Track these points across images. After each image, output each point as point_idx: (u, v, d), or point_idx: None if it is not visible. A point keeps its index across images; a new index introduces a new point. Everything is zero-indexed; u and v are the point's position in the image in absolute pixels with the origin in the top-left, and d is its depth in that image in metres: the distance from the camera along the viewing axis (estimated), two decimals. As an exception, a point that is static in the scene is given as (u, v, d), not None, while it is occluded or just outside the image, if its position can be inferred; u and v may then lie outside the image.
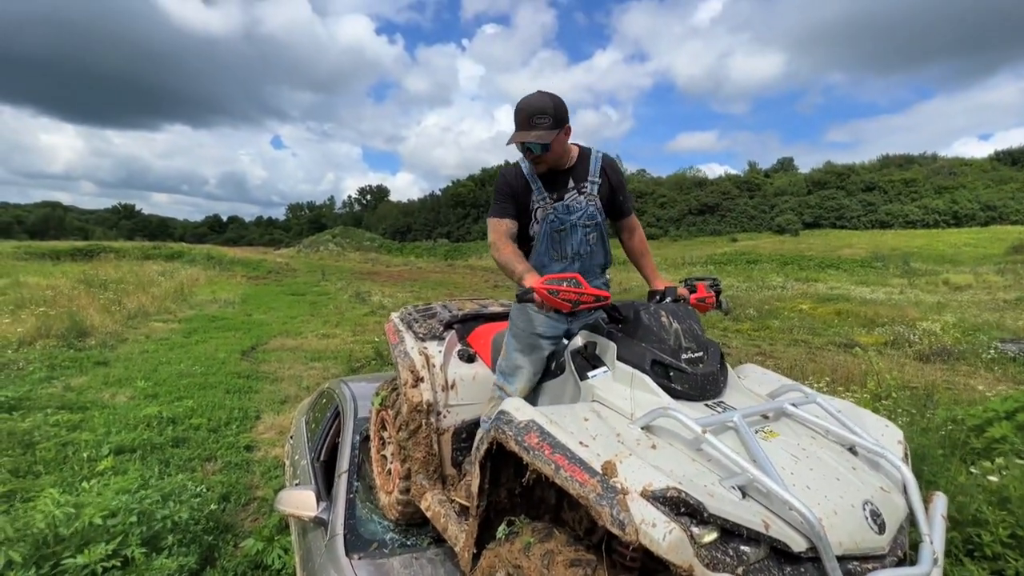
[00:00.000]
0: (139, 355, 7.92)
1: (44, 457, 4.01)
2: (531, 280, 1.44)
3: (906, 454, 1.30)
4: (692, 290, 1.73)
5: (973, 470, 2.55)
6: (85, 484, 3.18)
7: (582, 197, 1.80)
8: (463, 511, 1.64)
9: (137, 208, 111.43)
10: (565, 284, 1.36)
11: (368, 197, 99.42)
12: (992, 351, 8.40)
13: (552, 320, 1.76)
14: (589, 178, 1.82)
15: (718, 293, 1.78)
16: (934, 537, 1.10)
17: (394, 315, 2.37)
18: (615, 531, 0.93)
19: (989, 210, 42.29)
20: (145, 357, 7.78)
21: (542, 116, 1.63)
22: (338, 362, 8.04)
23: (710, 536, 0.93)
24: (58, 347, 7.81)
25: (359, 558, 1.84)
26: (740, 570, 0.92)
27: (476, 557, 1.37)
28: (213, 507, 3.35)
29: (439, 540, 1.95)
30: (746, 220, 51.39)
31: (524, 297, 1.43)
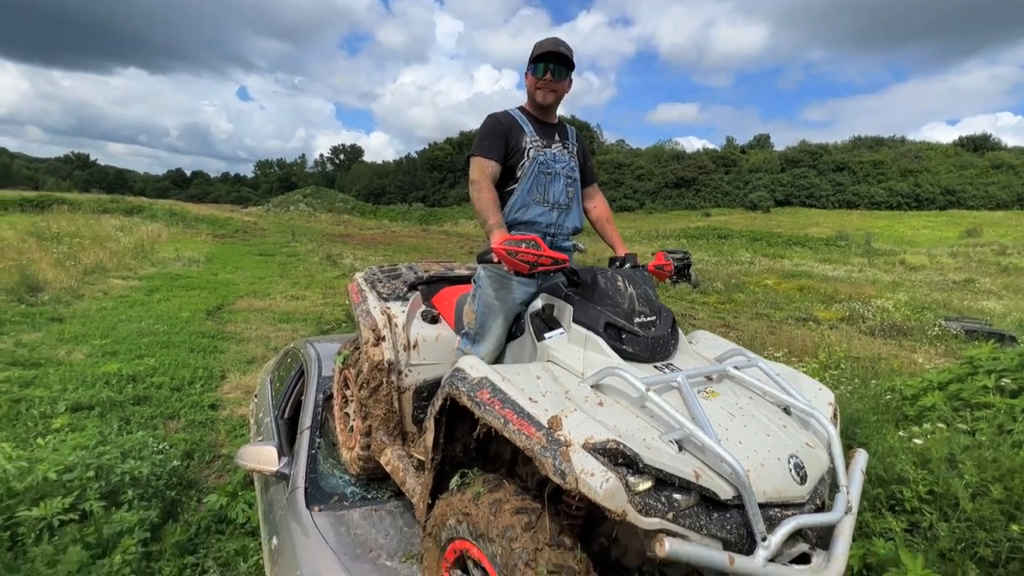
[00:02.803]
0: (97, 312, 7.64)
1: (-5, 413, 3.89)
2: (496, 238, 1.45)
3: (835, 414, 1.39)
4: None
5: (901, 433, 2.74)
6: (40, 440, 3.11)
7: (566, 152, 1.92)
8: (421, 466, 1.69)
9: (92, 158, 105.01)
10: (524, 246, 1.37)
11: (341, 157, 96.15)
12: (937, 328, 8.92)
13: (522, 284, 1.78)
14: (570, 139, 1.97)
15: (688, 267, 1.84)
16: (851, 488, 1.20)
17: (358, 275, 2.36)
18: (557, 480, 0.98)
19: (948, 194, 44.00)
20: (103, 314, 7.52)
21: (566, 49, 1.80)
22: (307, 324, 7.94)
23: (644, 485, 0.99)
24: (7, 301, 7.46)
25: (319, 510, 1.88)
26: (670, 515, 0.98)
27: (431, 508, 1.42)
28: (176, 464, 3.33)
29: (399, 494, 2.01)
30: (720, 196, 52.12)
31: (483, 258, 1.44)
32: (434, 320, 2.07)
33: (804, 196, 48.86)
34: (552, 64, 1.79)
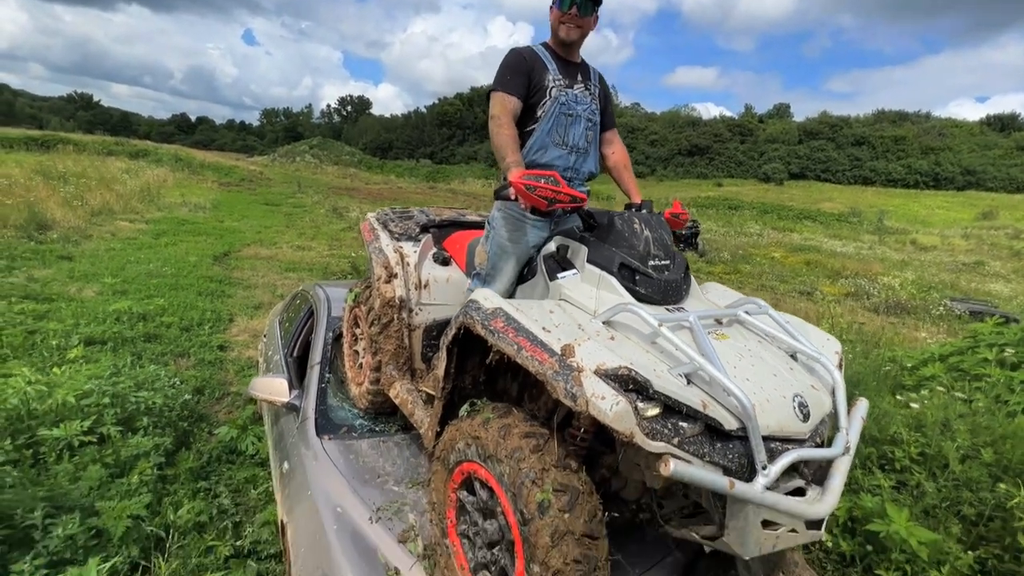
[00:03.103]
0: (105, 252, 7.70)
1: (11, 343, 3.99)
2: (515, 173, 1.43)
3: (840, 363, 1.41)
4: (673, 232, 1.76)
5: (899, 397, 2.79)
6: (56, 369, 3.20)
7: (588, 94, 1.86)
8: (430, 399, 1.74)
9: (96, 99, 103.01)
10: (543, 181, 1.36)
11: (349, 108, 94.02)
12: (942, 308, 8.89)
13: (536, 228, 1.77)
14: (592, 80, 1.90)
15: (695, 236, 1.82)
16: (851, 431, 1.23)
17: (370, 215, 2.35)
18: (568, 403, 1.01)
19: (968, 175, 42.92)
20: (112, 255, 7.57)
21: None
22: (314, 274, 7.99)
23: (653, 411, 1.02)
24: (16, 238, 7.51)
25: (329, 439, 1.95)
26: (676, 441, 1.02)
27: (439, 435, 1.47)
28: (187, 398, 3.43)
29: (405, 428, 2.08)
30: (734, 165, 51.02)
31: (501, 192, 1.43)
32: (445, 262, 2.08)
33: (820, 170, 47.78)
34: None
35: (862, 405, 1.36)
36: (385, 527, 1.55)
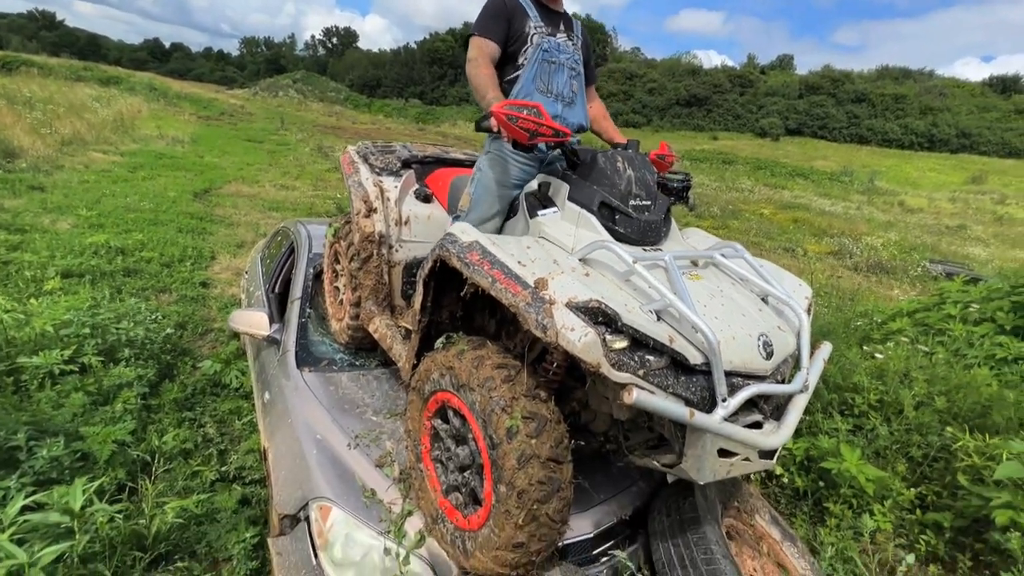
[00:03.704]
0: (79, 184, 7.42)
1: (-16, 271, 3.90)
2: (495, 105, 1.38)
3: (810, 307, 1.45)
4: (665, 186, 1.74)
5: (866, 348, 2.90)
6: (33, 300, 3.15)
7: (570, 44, 1.83)
8: (409, 334, 1.76)
9: (59, 18, 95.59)
10: (525, 112, 1.32)
11: (334, 40, 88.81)
12: (919, 269, 9.08)
13: (523, 169, 1.74)
14: (575, 31, 1.88)
15: (687, 189, 1.80)
16: (811, 371, 1.29)
17: (351, 147, 2.28)
18: (538, 334, 1.03)
19: (963, 137, 42.60)
20: (86, 187, 7.31)
21: None
22: (298, 214, 7.83)
23: (621, 343, 1.05)
24: (-18, 165, 7.18)
25: (310, 371, 1.99)
26: (641, 372, 1.06)
27: (415, 368, 1.51)
28: (170, 331, 3.42)
29: (385, 363, 2.12)
30: (731, 119, 49.91)
31: (482, 123, 1.39)
32: (427, 199, 2.04)
33: (817, 126, 47.02)
34: None
35: (825, 348, 1.41)
36: (363, 453, 1.62)
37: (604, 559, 1.55)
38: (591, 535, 1.54)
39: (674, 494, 1.61)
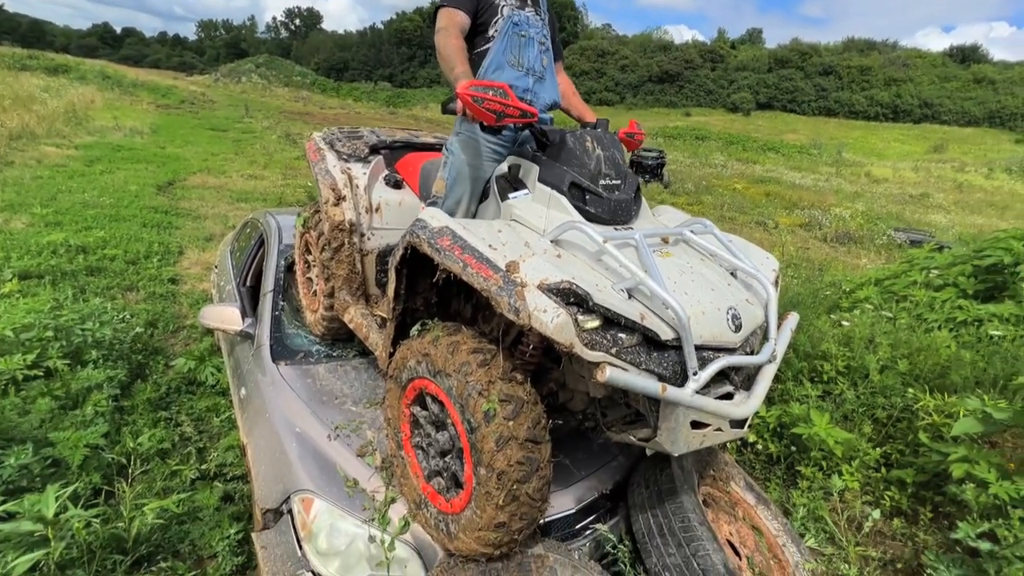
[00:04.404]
0: (32, 181, 7.06)
1: (-67, 275, 3.71)
2: (462, 85, 1.36)
3: (777, 280, 1.49)
4: (640, 163, 1.74)
5: (833, 317, 3.00)
6: (-10, 304, 3.02)
7: (539, 19, 1.80)
8: (384, 323, 1.75)
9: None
10: (491, 93, 1.30)
11: (297, 22, 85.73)
12: (885, 238, 9.39)
13: (494, 151, 1.72)
14: (541, 6, 1.85)
15: (661, 167, 1.81)
16: (779, 342, 1.33)
17: (316, 134, 2.22)
18: (511, 317, 1.03)
19: (926, 107, 43.75)
20: (40, 183, 6.96)
21: None
22: (267, 204, 7.63)
23: (593, 323, 1.06)
24: (-78, 163, 6.77)
25: (286, 364, 1.96)
26: (614, 351, 1.07)
27: (392, 357, 1.50)
28: (139, 331, 3.33)
29: (363, 353, 2.10)
30: (703, 94, 50.19)
31: (448, 105, 1.36)
32: (397, 185, 2.01)
33: (786, 100, 47.69)
34: None
35: (792, 319, 1.45)
36: (344, 443, 1.61)
37: (587, 532, 1.59)
38: (573, 511, 1.58)
39: (652, 466, 1.65)
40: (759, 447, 2.41)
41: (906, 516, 2.10)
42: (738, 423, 1.24)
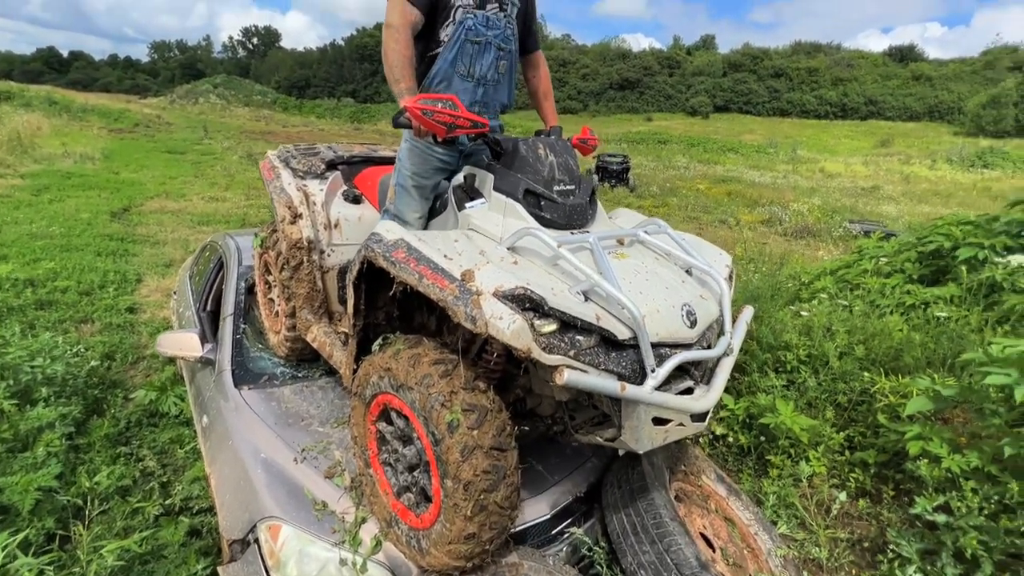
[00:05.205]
0: (-27, 213, 6.72)
1: None
2: (408, 100, 1.35)
3: (731, 275, 1.54)
4: (605, 169, 1.76)
5: (793, 308, 3.10)
6: (-74, 346, 2.84)
7: (503, 15, 1.66)
8: (347, 340, 1.72)
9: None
10: (440, 105, 1.31)
11: (255, 41, 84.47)
12: (841, 229, 9.79)
13: (443, 160, 1.71)
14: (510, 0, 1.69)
15: (626, 171, 1.84)
16: (735, 335, 1.36)
17: (271, 152, 2.19)
18: (468, 326, 1.03)
19: (871, 104, 46.08)
20: (-18, 216, 6.63)
21: None
22: (230, 226, 7.44)
23: (550, 327, 1.07)
24: None
25: (249, 388, 1.91)
26: (572, 353, 1.08)
27: (356, 374, 1.48)
28: (95, 364, 3.20)
29: (329, 372, 2.06)
30: (663, 99, 51.66)
31: (398, 119, 1.37)
32: (356, 200, 1.99)
33: (742, 102, 49.51)
34: None
35: (747, 312, 1.50)
36: (311, 466, 1.57)
37: (564, 537, 1.59)
38: (548, 516, 1.57)
39: (624, 466, 1.67)
40: (730, 440, 2.46)
41: (871, 496, 2.17)
42: (699, 417, 1.26)
